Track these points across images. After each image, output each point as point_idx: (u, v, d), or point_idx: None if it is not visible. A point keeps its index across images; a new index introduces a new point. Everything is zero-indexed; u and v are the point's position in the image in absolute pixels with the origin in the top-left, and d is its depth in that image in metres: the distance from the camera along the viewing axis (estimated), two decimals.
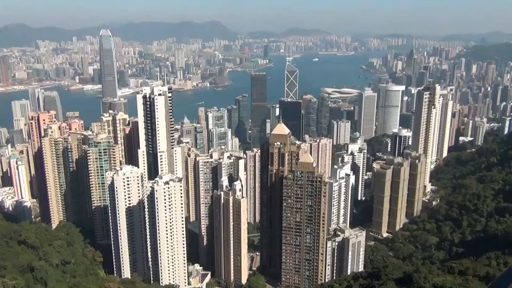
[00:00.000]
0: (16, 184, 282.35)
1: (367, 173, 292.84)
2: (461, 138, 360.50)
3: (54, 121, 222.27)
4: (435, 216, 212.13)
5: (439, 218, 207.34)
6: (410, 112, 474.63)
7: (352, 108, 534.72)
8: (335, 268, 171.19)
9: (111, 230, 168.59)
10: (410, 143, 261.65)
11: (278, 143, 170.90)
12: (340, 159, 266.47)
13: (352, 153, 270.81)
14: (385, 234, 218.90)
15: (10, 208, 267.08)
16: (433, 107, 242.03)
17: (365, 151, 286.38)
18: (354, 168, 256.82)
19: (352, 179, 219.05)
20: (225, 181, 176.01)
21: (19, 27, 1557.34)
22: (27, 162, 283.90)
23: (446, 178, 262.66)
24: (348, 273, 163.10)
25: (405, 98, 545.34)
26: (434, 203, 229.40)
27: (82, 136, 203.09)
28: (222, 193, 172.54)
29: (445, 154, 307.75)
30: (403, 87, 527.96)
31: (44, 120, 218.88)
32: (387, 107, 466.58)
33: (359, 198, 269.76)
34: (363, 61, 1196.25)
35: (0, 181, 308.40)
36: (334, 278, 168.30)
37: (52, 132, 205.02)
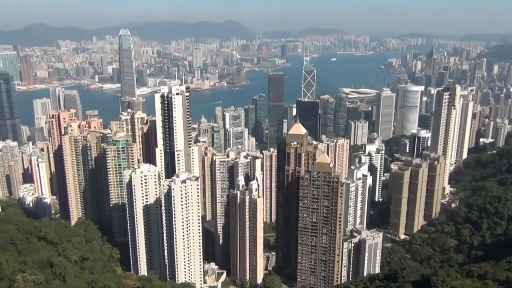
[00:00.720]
0: (37, 181, 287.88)
1: (385, 174, 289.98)
2: (481, 140, 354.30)
3: (74, 119, 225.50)
4: (454, 218, 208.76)
5: (458, 221, 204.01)
6: (430, 113, 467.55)
7: (370, 108, 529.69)
8: (351, 269, 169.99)
9: (129, 227, 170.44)
10: (429, 144, 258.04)
11: (295, 143, 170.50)
12: (357, 159, 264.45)
13: (369, 154, 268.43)
14: (402, 236, 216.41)
15: (31, 205, 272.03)
16: (453, 108, 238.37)
17: (383, 152, 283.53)
18: (372, 169, 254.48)
19: (369, 180, 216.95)
20: (241, 180, 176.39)
21: (40, 27, 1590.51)
22: (48, 159, 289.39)
23: (465, 180, 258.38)
24: (365, 275, 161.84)
25: (424, 98, 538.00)
26: (453, 205, 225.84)
27: (101, 135, 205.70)
28: (238, 192, 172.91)
29: (465, 155, 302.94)
30: (422, 88, 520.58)
31: (64, 118, 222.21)
32: (406, 108, 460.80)
33: (376, 199, 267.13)
34: (382, 61, 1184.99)
35: (21, 178, 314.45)
36: (350, 279, 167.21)
37: (72, 130, 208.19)
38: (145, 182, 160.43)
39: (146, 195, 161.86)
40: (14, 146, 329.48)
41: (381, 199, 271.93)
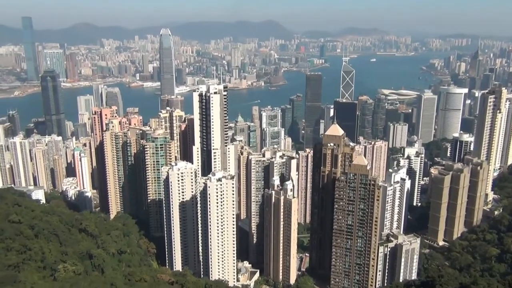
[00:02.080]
0: (79, 175, 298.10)
1: (424, 178, 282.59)
2: None
3: (115, 116, 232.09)
4: (496, 226, 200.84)
5: (501, 229, 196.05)
6: (473, 116, 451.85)
7: (410, 110, 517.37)
8: (386, 274, 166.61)
9: (165, 223, 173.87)
10: (471, 148, 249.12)
11: (332, 144, 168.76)
12: (395, 162, 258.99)
13: (408, 157, 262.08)
14: (441, 243, 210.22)
15: (73, 198, 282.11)
16: (498, 111, 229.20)
17: (423, 155, 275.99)
18: (410, 172, 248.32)
19: (407, 184, 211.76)
20: (276, 180, 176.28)
21: (86, 26, 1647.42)
22: (90, 154, 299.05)
23: (510, 187, 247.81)
24: (400, 280, 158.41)
25: (468, 101, 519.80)
26: (496, 212, 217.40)
27: (141, 131, 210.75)
28: (273, 192, 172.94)
29: (510, 161, 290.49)
30: (466, 90, 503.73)
31: (106, 115, 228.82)
32: (448, 111, 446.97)
33: (414, 204, 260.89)
34: (424, 62, 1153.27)
35: (64, 172, 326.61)
36: (385, 284, 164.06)
37: (113, 126, 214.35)
38: (182, 179, 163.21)
39: (183, 192, 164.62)
40: (58, 140, 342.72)
41: (419, 204, 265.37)
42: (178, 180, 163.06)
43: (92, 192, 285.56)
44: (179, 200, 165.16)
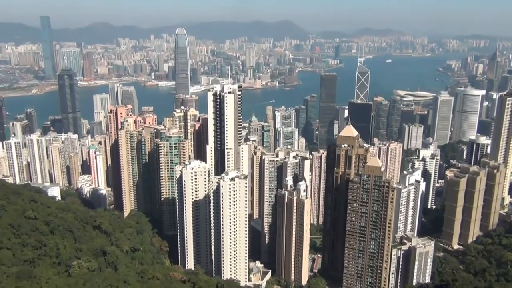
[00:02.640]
0: (94, 172, 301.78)
1: (439, 181, 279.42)
2: None
3: (130, 114, 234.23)
4: None
5: None
6: (490, 118, 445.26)
7: (425, 112, 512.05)
8: (399, 277, 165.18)
9: (178, 222, 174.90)
10: (488, 151, 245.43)
11: (346, 145, 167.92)
12: (410, 164, 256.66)
13: (423, 159, 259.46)
14: (455, 246, 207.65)
15: (88, 195, 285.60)
16: None
17: (438, 157, 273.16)
18: (425, 175, 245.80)
19: (422, 186, 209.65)
20: (289, 180, 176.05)
21: (103, 26, 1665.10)
22: (105, 152, 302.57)
23: None
24: (414, 283, 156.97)
25: (485, 103, 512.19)
26: None
27: (155, 130, 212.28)
28: (286, 192, 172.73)
29: None
30: (483, 92, 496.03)
31: (121, 113, 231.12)
32: (465, 112, 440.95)
33: (429, 207, 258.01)
34: (440, 63, 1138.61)
35: (80, 169, 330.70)
36: (399, 287, 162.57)
37: (128, 125, 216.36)
38: (195, 178, 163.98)
39: (196, 191, 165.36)
40: (74, 138, 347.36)
41: (434, 207, 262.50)
42: (192, 179, 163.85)
43: (106, 190, 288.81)
44: (192, 199, 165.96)
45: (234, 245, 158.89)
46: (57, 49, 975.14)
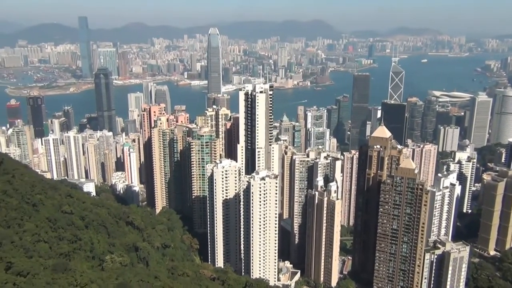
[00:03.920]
0: (128, 169, 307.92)
1: (476, 184, 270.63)
2: None
3: (163, 113, 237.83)
4: None
5: None
6: None
7: (462, 113, 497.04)
8: (432, 282, 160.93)
9: (208, 220, 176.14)
10: None
11: (378, 146, 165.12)
12: (445, 167, 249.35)
13: (459, 162, 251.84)
14: (492, 252, 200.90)
15: (121, 191, 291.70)
16: None
17: (475, 160, 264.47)
18: (461, 178, 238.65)
19: (458, 189, 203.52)
20: (320, 181, 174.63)
21: (137, 26, 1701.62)
22: (138, 150, 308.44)
23: None
24: None
25: None
26: None
27: (187, 129, 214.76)
28: (316, 193, 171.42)
29: None
30: None
31: (154, 112, 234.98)
32: (504, 114, 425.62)
33: (464, 211, 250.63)
34: (479, 63, 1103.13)
35: (114, 166, 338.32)
36: None
37: (161, 123, 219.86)
38: (226, 177, 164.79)
39: (226, 190, 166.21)
40: (109, 136, 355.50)
41: (469, 211, 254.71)
42: (222, 178, 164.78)
43: (139, 187, 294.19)
44: (223, 197, 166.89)
45: (264, 244, 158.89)
46: (94, 49, 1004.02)
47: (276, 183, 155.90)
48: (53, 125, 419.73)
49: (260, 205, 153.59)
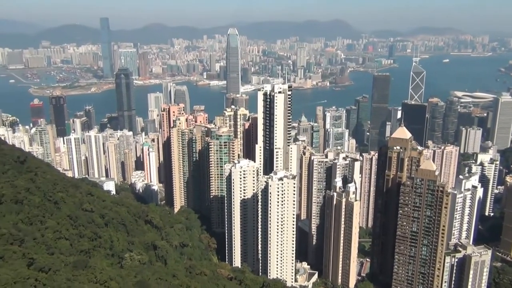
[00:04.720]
0: (147, 168, 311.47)
1: (498, 187, 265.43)
2: None
3: (183, 113, 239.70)
4: None
5: None
6: None
7: (485, 114, 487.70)
8: (452, 286, 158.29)
9: (226, 219, 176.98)
10: None
11: (398, 147, 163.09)
12: (467, 169, 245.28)
13: (481, 164, 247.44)
14: None
15: (141, 190, 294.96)
16: None
17: (498, 162, 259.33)
18: (483, 180, 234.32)
19: (480, 192, 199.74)
20: (339, 182, 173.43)
21: (157, 26, 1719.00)
22: (157, 149, 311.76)
23: None
24: None
25: None
26: None
27: (206, 129, 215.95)
28: (335, 194, 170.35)
29: None
30: None
31: (174, 112, 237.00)
32: None
33: (486, 214, 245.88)
34: (502, 63, 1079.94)
35: (133, 165, 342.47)
36: None
37: (180, 123, 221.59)
38: (244, 177, 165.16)
39: (244, 190, 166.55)
40: (129, 135, 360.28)
41: (492, 214, 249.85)
42: (240, 178, 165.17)
43: (158, 186, 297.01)
44: (241, 197, 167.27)
45: (281, 245, 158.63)
46: (115, 50, 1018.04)
47: (294, 183, 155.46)
48: (75, 124, 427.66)
49: (278, 205, 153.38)
